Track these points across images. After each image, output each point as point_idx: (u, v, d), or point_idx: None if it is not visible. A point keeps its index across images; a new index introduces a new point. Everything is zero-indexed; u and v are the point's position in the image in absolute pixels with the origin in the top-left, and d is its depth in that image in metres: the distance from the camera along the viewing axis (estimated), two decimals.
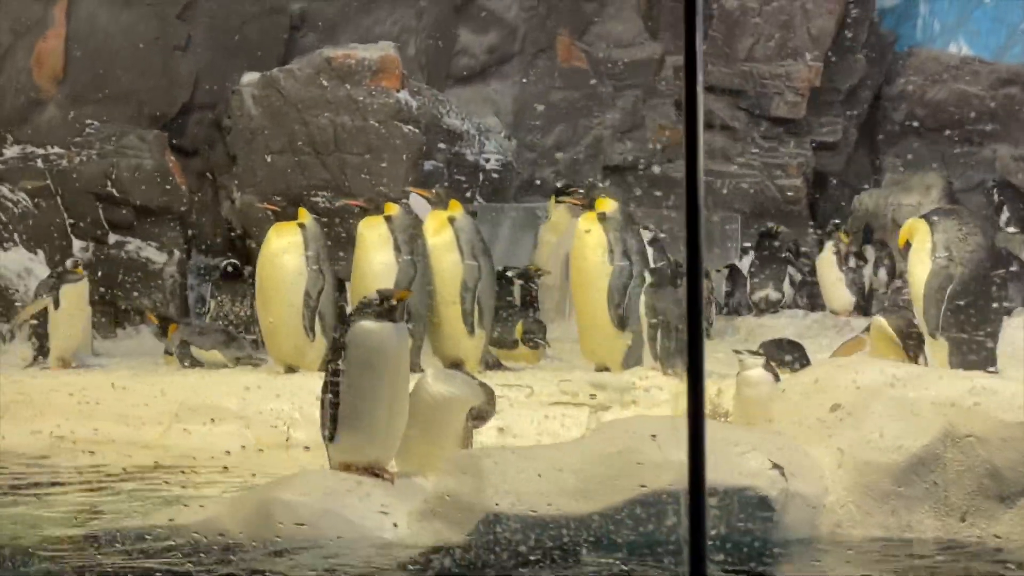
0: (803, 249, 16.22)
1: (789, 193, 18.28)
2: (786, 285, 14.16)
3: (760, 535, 6.26)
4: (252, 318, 12.27)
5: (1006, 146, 19.45)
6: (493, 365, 10.64)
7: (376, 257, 10.43)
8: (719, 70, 18.39)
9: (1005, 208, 18.02)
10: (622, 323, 10.47)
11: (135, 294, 13.70)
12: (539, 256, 14.09)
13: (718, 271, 14.82)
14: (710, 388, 9.51)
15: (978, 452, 6.28)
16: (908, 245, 9.41)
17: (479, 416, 7.41)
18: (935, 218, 9.19)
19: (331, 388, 6.82)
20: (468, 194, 14.85)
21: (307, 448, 8.75)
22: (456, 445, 7.24)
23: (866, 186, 19.27)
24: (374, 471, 6.81)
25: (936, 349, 8.93)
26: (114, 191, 13.88)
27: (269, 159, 14.00)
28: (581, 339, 10.70)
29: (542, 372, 10.34)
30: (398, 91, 14.20)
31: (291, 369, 10.42)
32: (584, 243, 10.71)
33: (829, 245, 14.17)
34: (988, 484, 6.28)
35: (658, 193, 17.63)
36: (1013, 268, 12.92)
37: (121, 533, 6.70)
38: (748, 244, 16.71)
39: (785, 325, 13.14)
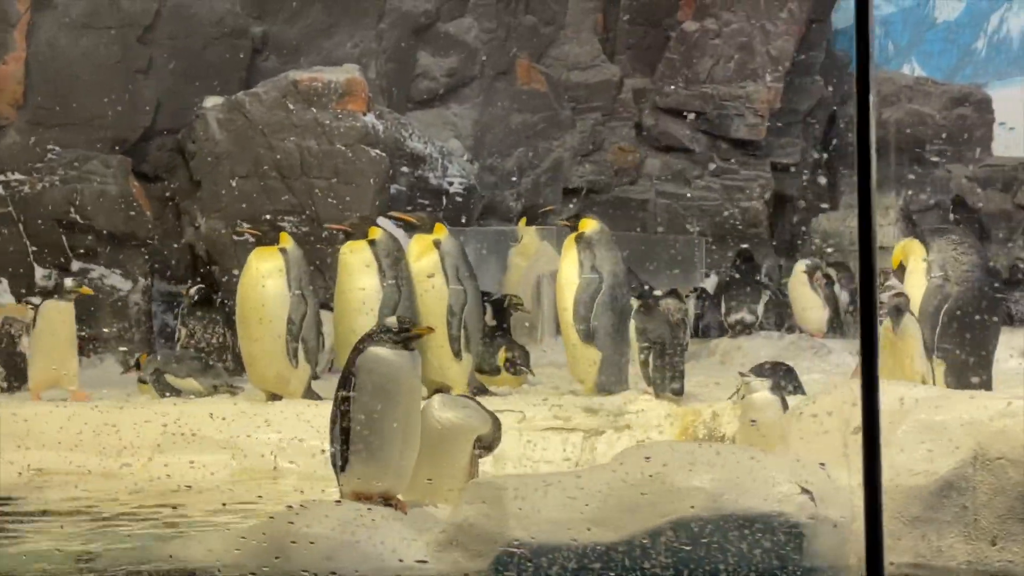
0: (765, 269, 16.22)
1: (750, 215, 18.25)
2: (760, 307, 14.10)
3: (789, 562, 6.14)
4: (224, 345, 12.07)
5: (960, 166, 19.58)
6: (479, 390, 10.47)
7: (360, 282, 10.26)
8: (678, 92, 18.37)
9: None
10: (587, 336, 10.36)
11: (100, 322, 13.44)
12: (510, 279, 13.97)
13: (687, 295, 14.74)
14: (705, 412, 9.42)
15: (1009, 474, 6.17)
16: (901, 266, 9.36)
17: (486, 445, 7.27)
18: (930, 238, 9.14)
19: (342, 415, 6.64)
20: None
21: (300, 490, 8.57)
22: (462, 474, 7.09)
23: (824, 207, 19.32)
24: (387, 500, 6.65)
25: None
26: (78, 217, 13.61)
27: (234, 184, 13.77)
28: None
29: (531, 397, 10.20)
30: (365, 114, 14.03)
31: (274, 397, 10.22)
32: (563, 263, 10.69)
33: (799, 266, 14.12)
34: (1020, 507, 6.17)
35: (618, 215, 17.61)
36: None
37: (126, 571, 6.50)
38: (709, 267, 16.71)
39: (761, 347, 13.06)
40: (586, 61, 18.48)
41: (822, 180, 19.58)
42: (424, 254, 10.44)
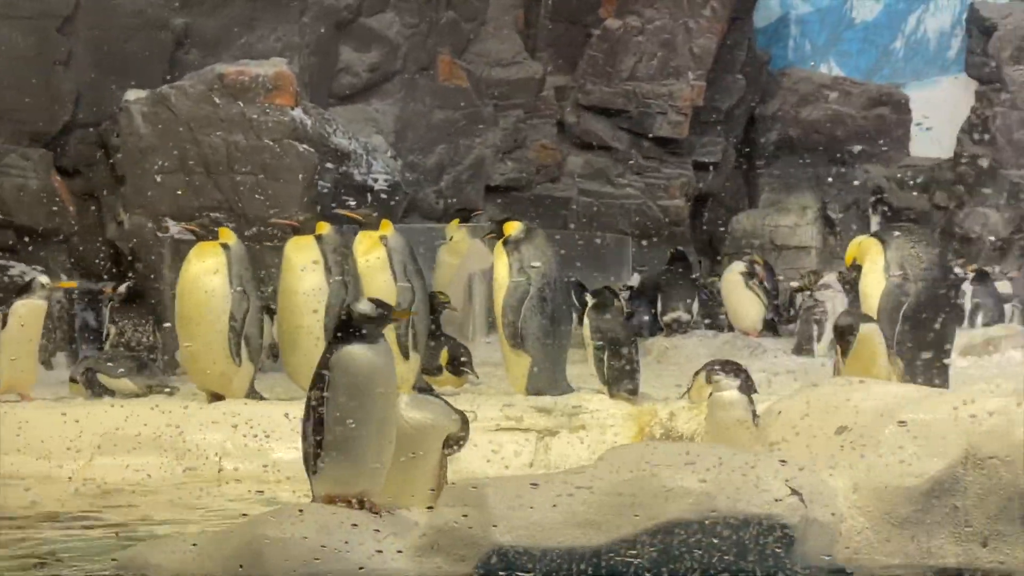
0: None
1: (671, 213, 18.22)
2: (695, 306, 14.04)
3: (779, 564, 6.01)
4: (155, 344, 11.78)
5: (879, 166, 19.67)
6: (425, 390, 10.25)
7: (307, 279, 10.01)
8: (600, 89, 18.29)
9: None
10: (516, 339, 10.15)
11: None
12: (440, 278, 13.79)
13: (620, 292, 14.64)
14: (662, 411, 9.28)
15: (1001, 474, 6.06)
16: (856, 264, 9.27)
17: (454, 443, 7.08)
18: (887, 236, 9.09)
19: (314, 416, 6.40)
20: None
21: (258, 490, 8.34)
22: (432, 474, 6.90)
23: (744, 206, 19.34)
24: (361, 503, 6.43)
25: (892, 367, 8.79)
26: None
27: (159, 179, 13.42)
28: None
29: (480, 397, 10.00)
30: (293, 109, 13.76)
31: (216, 396, 9.93)
32: (495, 267, 10.50)
33: (734, 266, 14.10)
34: (1011, 507, 6.06)
35: (540, 213, 17.48)
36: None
37: None
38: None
39: (697, 346, 13.00)
40: (508, 58, 18.34)
41: (740, 178, 19.62)
42: (371, 250, 10.22)
